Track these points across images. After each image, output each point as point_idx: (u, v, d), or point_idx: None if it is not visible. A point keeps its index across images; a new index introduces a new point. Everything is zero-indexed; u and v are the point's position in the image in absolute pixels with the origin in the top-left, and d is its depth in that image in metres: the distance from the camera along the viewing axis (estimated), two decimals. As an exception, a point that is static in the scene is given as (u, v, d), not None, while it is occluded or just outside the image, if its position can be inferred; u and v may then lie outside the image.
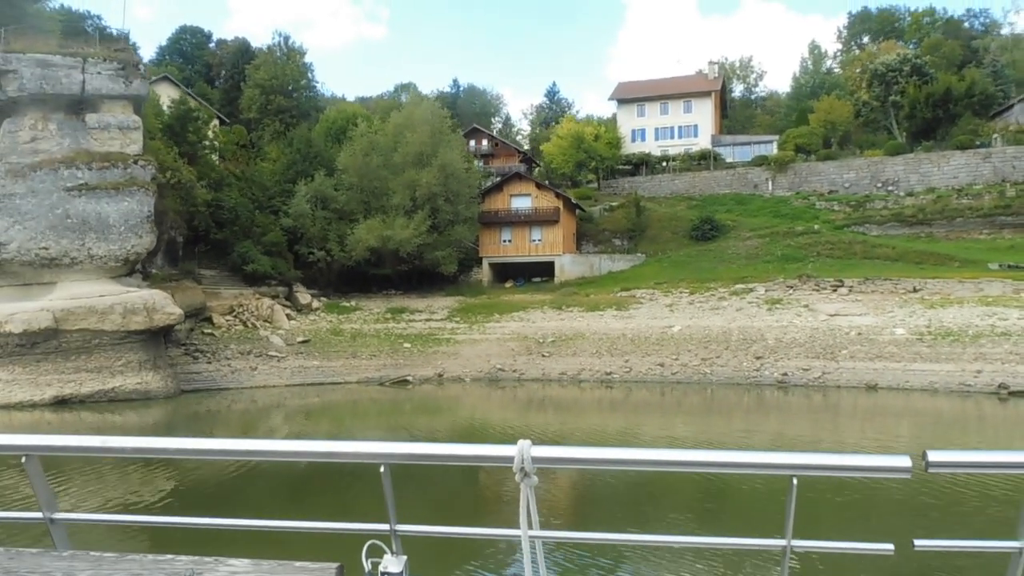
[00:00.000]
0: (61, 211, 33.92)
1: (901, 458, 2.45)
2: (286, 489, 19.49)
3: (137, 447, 2.98)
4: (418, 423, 34.91)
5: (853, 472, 2.40)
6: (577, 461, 3.15)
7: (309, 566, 2.52)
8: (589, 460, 3.19)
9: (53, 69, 34.54)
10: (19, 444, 3.00)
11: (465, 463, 3.10)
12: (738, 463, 2.71)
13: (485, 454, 2.95)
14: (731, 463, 2.70)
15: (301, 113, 72.59)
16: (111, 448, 2.93)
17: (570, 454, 2.95)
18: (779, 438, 28.74)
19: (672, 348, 41.61)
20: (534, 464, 2.64)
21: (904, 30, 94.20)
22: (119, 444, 2.92)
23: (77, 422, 30.20)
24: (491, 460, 2.89)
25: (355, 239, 48.91)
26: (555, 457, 2.80)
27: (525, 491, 2.70)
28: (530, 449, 2.64)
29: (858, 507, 16.25)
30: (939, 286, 44.06)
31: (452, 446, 2.78)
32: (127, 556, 2.63)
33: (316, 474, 19.32)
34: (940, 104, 60.81)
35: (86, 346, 31.73)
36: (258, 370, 38.98)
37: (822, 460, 2.59)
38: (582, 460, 3.22)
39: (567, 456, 2.87)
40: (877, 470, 2.59)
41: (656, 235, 59.26)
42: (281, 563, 2.54)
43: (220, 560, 2.57)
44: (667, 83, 76.40)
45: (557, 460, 2.85)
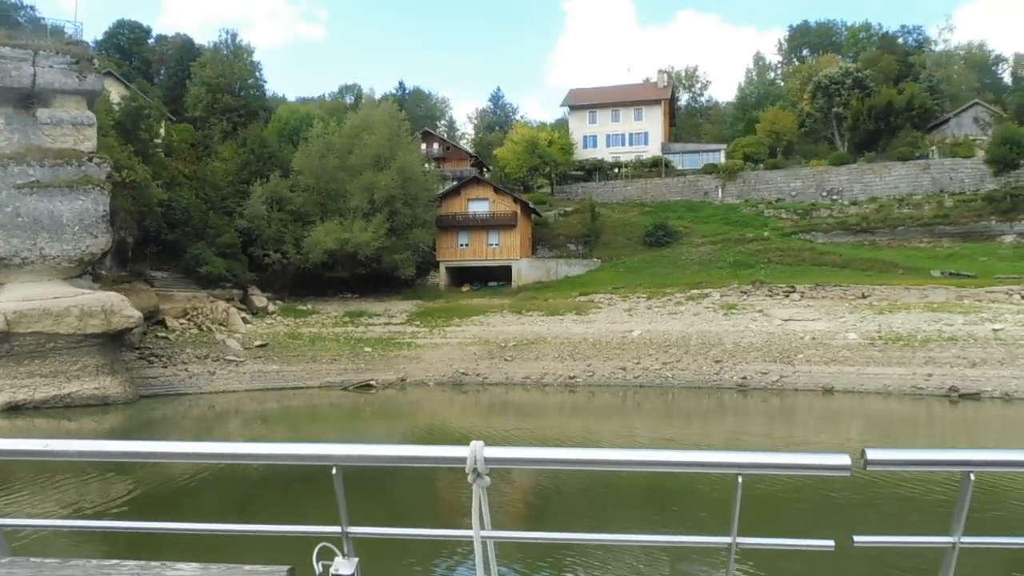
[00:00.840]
0: (11, 209, 32.51)
1: (841, 456, 2.54)
2: (238, 493, 19.38)
3: (81, 451, 2.86)
4: (376, 428, 34.63)
5: (795, 470, 2.54)
6: (529, 461, 3.14)
7: (259, 569, 2.52)
8: (541, 460, 3.23)
9: (2, 61, 33.11)
10: None
11: (418, 464, 2.97)
12: (685, 462, 2.74)
13: (438, 455, 2.96)
14: (678, 462, 2.74)
15: (249, 112, 71.12)
16: (53, 452, 2.83)
17: (522, 455, 2.99)
18: (733, 438, 29.48)
19: (633, 352, 42.10)
20: (487, 465, 2.66)
21: (841, 44, 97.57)
22: (62, 448, 2.82)
23: (30, 428, 28.97)
24: (443, 461, 2.90)
25: (312, 241, 48.14)
26: (507, 458, 2.83)
27: (478, 492, 2.72)
28: (482, 450, 2.66)
29: (803, 504, 16.78)
30: (886, 292, 45.61)
31: (405, 447, 2.90)
32: (70, 562, 2.59)
33: (268, 478, 19.13)
34: (882, 116, 63.15)
35: (40, 350, 30.43)
36: (216, 375, 38.01)
37: (765, 459, 2.67)
38: (534, 460, 3.27)
39: (519, 456, 2.91)
40: (817, 468, 2.65)
41: (611, 240, 59.91)
42: (230, 567, 2.53)
43: (167, 565, 2.54)
44: (618, 91, 77.39)
45: (509, 461, 2.87)
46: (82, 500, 18.57)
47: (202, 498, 18.83)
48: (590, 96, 77.24)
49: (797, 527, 15.47)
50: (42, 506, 17.80)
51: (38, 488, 19.21)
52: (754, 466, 2.67)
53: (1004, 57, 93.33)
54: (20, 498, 18.32)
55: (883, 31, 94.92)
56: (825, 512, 16.37)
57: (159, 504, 18.11)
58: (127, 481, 19.95)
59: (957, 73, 75.82)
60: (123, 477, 20.19)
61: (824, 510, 16.49)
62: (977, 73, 79.52)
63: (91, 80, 35.30)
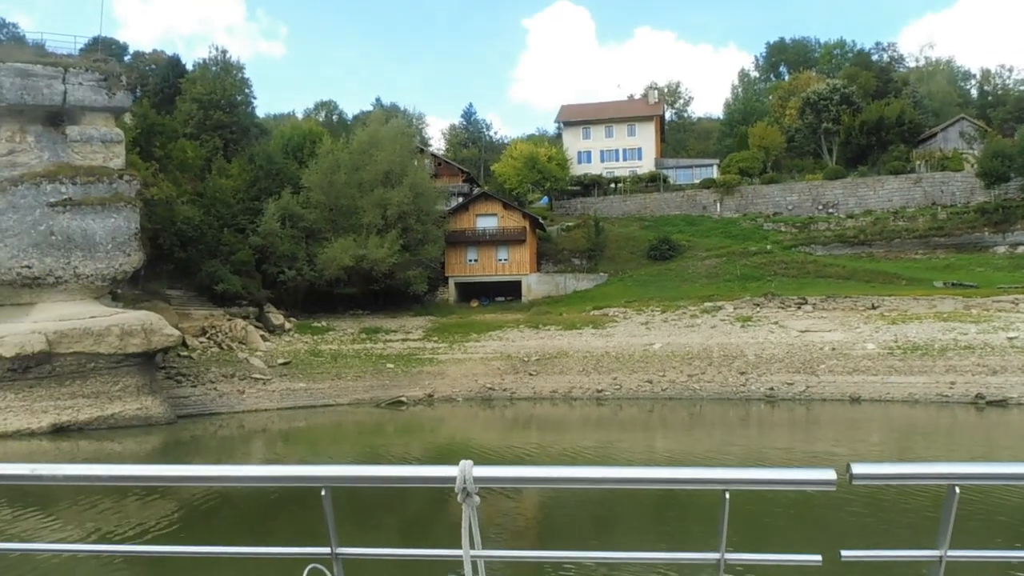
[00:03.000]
0: (45, 227, 31.88)
1: (826, 471, 2.58)
2: (228, 515, 19.35)
3: (68, 475, 2.89)
4: (395, 445, 34.48)
5: (780, 486, 2.71)
6: (518, 480, 3.11)
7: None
8: (530, 479, 3.19)
9: (34, 79, 32.55)
10: None
11: (407, 484, 3.08)
12: (673, 479, 2.78)
13: (426, 475, 2.96)
14: (666, 479, 2.78)
15: (241, 129, 70.44)
16: (40, 476, 2.84)
17: (512, 473, 2.97)
18: (754, 450, 30.03)
19: (657, 365, 42.48)
20: (476, 484, 2.67)
21: (817, 60, 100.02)
22: (48, 472, 2.84)
23: (74, 451, 28.31)
24: (433, 481, 2.88)
25: (328, 258, 47.80)
26: (497, 477, 2.83)
27: (467, 511, 2.73)
28: (472, 469, 2.66)
29: (791, 519, 17.11)
30: (895, 303, 46.74)
31: (394, 468, 2.86)
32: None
33: (258, 499, 19.07)
34: (873, 131, 64.77)
35: (81, 370, 29.77)
36: (246, 393, 37.52)
37: (752, 475, 2.71)
38: (523, 479, 3.21)
39: (509, 476, 2.92)
40: (803, 483, 2.72)
41: (615, 255, 60.45)
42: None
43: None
44: (611, 107, 78.33)
45: (498, 480, 2.86)
46: (71, 523, 18.37)
47: (190, 519, 18.77)
48: (583, 112, 78.06)
49: (785, 542, 15.81)
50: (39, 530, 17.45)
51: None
52: (740, 482, 2.70)
53: (972, 73, 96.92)
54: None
55: (857, 48, 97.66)
56: (813, 526, 16.64)
57: (146, 526, 18.02)
58: (113, 503, 19.68)
59: (939, 88, 78.12)
60: (110, 499, 19.81)
61: (813, 524, 16.75)
62: (957, 88, 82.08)
63: (120, 97, 34.84)
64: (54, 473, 2.84)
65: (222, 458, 31.36)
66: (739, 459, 27.91)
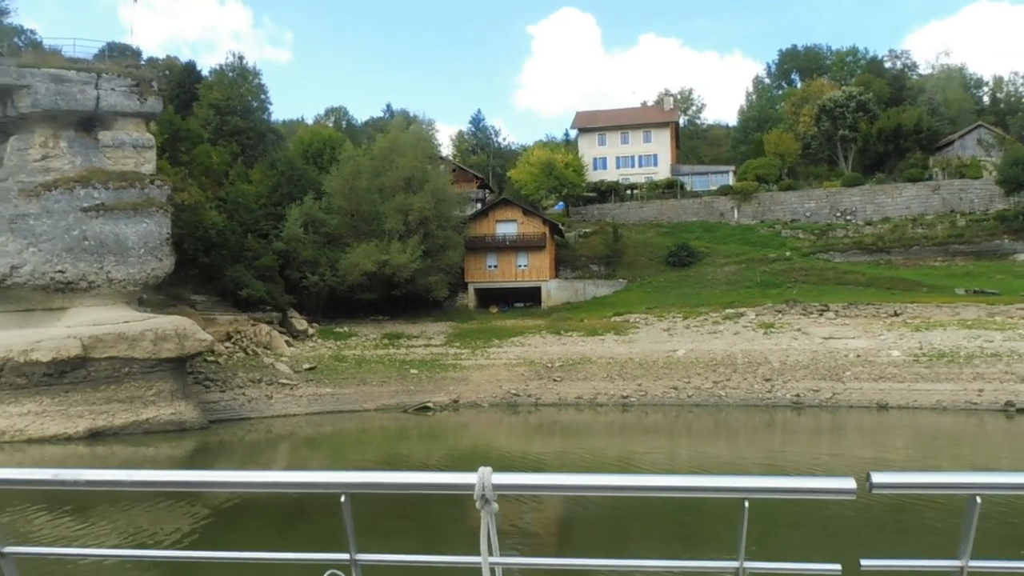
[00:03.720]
0: (78, 232, 32.02)
1: (846, 480, 2.55)
2: (254, 519, 19.43)
3: (89, 480, 2.91)
4: (417, 451, 34.53)
5: (800, 494, 2.64)
6: (537, 488, 3.18)
7: None
8: (548, 487, 3.22)
9: (67, 85, 32.72)
10: None
11: (426, 491, 3.04)
12: (691, 487, 2.78)
13: (446, 482, 2.95)
14: (685, 487, 2.78)
15: (257, 135, 70.74)
16: (63, 481, 2.89)
17: (530, 481, 2.96)
18: (776, 456, 30.03)
19: (682, 372, 42.45)
20: (495, 491, 2.67)
21: (829, 68, 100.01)
22: (71, 477, 2.86)
23: (109, 456, 28.38)
24: (452, 488, 2.88)
25: (350, 263, 47.90)
26: (516, 484, 2.84)
27: (486, 518, 2.74)
28: (490, 476, 2.66)
29: (811, 527, 17.01)
30: (918, 310, 46.66)
31: (413, 475, 2.90)
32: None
33: (277, 504, 19.12)
34: (891, 139, 64.76)
35: (115, 375, 29.84)
36: (274, 399, 37.60)
37: (771, 483, 2.69)
38: (542, 487, 3.26)
39: (528, 483, 2.92)
40: (823, 492, 2.68)
41: (633, 261, 60.47)
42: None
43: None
44: (626, 113, 78.45)
45: (517, 487, 2.88)
46: (91, 527, 18.32)
47: (209, 524, 18.85)
48: (598, 119, 78.17)
49: (805, 550, 15.62)
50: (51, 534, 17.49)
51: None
52: (760, 490, 2.68)
53: (984, 80, 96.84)
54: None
55: (870, 55, 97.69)
56: (833, 534, 16.53)
57: (166, 531, 18.15)
58: (133, 508, 19.74)
59: (955, 96, 78.12)
60: (131, 504, 19.84)
61: (832, 532, 16.65)
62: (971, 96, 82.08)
63: (151, 102, 35.01)
64: (76, 478, 2.86)
65: (248, 463, 31.45)
66: (762, 466, 27.93)
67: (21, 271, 31.28)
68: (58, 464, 27.05)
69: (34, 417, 28.01)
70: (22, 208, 31.47)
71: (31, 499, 19.13)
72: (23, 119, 32.68)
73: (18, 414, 28.04)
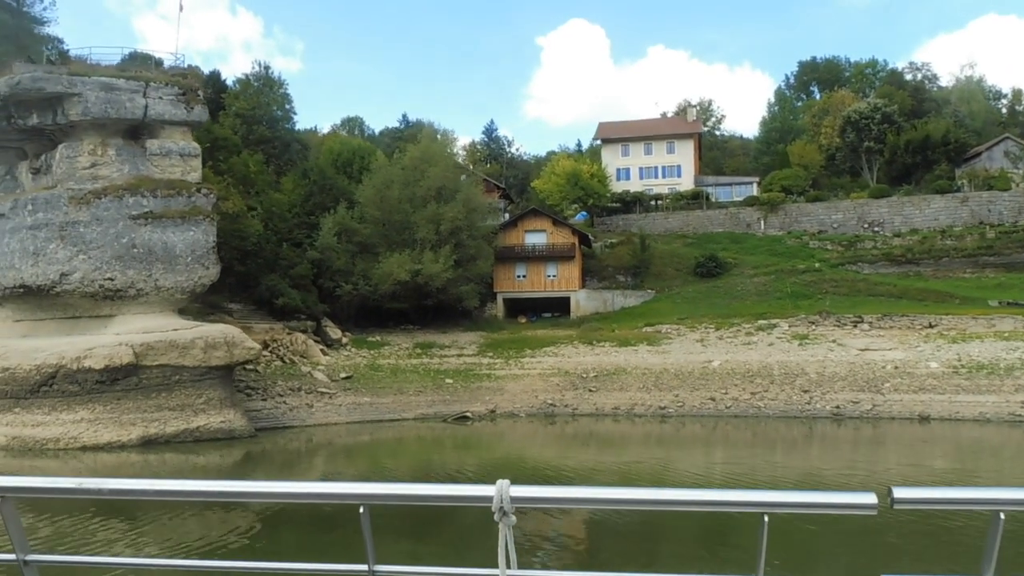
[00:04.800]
0: (127, 240, 32.18)
1: (867, 495, 2.55)
2: (279, 529, 19.42)
3: (113, 488, 2.94)
4: (450, 460, 34.48)
5: (820, 509, 2.69)
6: (556, 501, 3.16)
7: None
8: (567, 500, 3.22)
9: (117, 93, 32.98)
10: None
11: (444, 503, 3.03)
12: (711, 501, 2.75)
13: (464, 494, 2.97)
14: (704, 501, 2.76)
15: (283, 144, 71.10)
16: (87, 490, 2.92)
17: (548, 493, 2.97)
18: (812, 467, 29.86)
19: (718, 382, 42.35)
20: (513, 504, 2.67)
21: (848, 80, 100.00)
22: (95, 486, 2.91)
23: (161, 464, 28.42)
24: (470, 500, 2.89)
25: (384, 272, 47.97)
26: (534, 497, 2.84)
27: (504, 531, 2.74)
28: (509, 489, 2.67)
29: (832, 541, 16.91)
30: (953, 322, 46.48)
31: (431, 486, 2.96)
32: None
33: (312, 513, 19.09)
34: (919, 150, 64.69)
35: (166, 383, 29.91)
36: (314, 407, 37.64)
37: (791, 498, 2.67)
38: (560, 500, 3.25)
39: (546, 496, 2.92)
40: (844, 507, 2.68)
41: (660, 272, 60.40)
42: None
43: None
44: (649, 124, 78.57)
45: (536, 500, 2.88)
46: (113, 534, 18.43)
47: (231, 534, 18.79)
48: (621, 129, 78.34)
49: (827, 565, 15.71)
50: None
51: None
52: (780, 505, 2.66)
53: (1004, 92, 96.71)
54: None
55: (889, 67, 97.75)
56: (855, 549, 16.30)
57: (187, 540, 18.14)
58: (151, 516, 19.73)
59: (980, 108, 78.08)
60: (149, 512, 19.84)
61: (855, 547, 16.44)
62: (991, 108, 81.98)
63: (198, 111, 35.25)
64: (99, 487, 2.89)
65: (288, 471, 31.46)
66: (798, 475, 27.79)
67: (70, 278, 31.44)
68: (111, 473, 27.11)
69: (87, 424, 28.08)
70: (72, 215, 31.66)
71: (72, 507, 19.09)
72: (72, 127, 32.92)
73: (71, 421, 28.12)
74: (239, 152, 49.08)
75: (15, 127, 33.22)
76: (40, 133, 34.16)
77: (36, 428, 28.01)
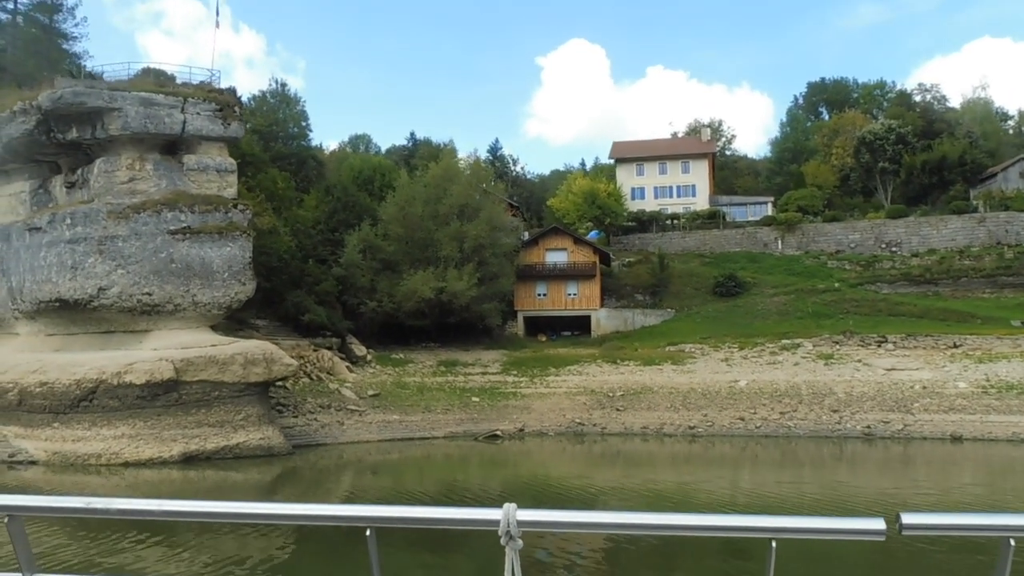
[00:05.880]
0: (165, 255, 32.13)
1: (876, 521, 2.54)
2: (277, 551, 19.18)
3: (121, 508, 2.97)
4: (474, 479, 34.34)
5: (828, 535, 2.64)
6: (562, 525, 3.10)
7: None
8: (574, 524, 3.16)
9: (156, 108, 33.08)
10: (1, 504, 2.97)
11: (450, 527, 3.01)
12: (718, 526, 2.74)
13: (470, 517, 2.94)
14: (711, 526, 2.74)
15: (299, 161, 71.22)
16: (95, 509, 2.91)
17: (556, 518, 2.94)
18: (839, 488, 29.70)
19: (746, 402, 42.23)
20: (519, 528, 2.67)
21: (857, 100, 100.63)
22: (103, 506, 2.90)
23: (201, 480, 28.22)
24: (476, 524, 2.87)
25: (408, 289, 47.93)
26: (541, 521, 2.83)
27: (510, 555, 2.73)
28: (515, 513, 2.67)
29: (839, 563, 16.67)
30: (978, 342, 46.50)
31: (438, 509, 2.88)
32: None
33: (307, 536, 19.02)
34: (935, 171, 65.00)
35: (205, 399, 29.75)
36: (345, 425, 37.46)
37: (799, 523, 2.65)
38: (567, 524, 3.19)
39: (552, 520, 2.90)
40: (852, 533, 2.66)
41: (679, 291, 60.41)
42: None
43: None
44: (664, 144, 78.95)
45: (542, 524, 2.87)
46: (120, 554, 18.10)
47: (239, 555, 18.56)
48: (635, 149, 78.69)
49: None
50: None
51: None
52: (787, 530, 2.64)
53: (1010, 114, 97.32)
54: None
55: (899, 88, 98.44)
56: (865, 573, 16.28)
57: (199, 559, 18.00)
58: (164, 534, 19.35)
59: (994, 128, 78.60)
60: (161, 532, 19.42)
61: (865, 571, 16.40)
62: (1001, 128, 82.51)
63: (234, 127, 35.33)
64: (107, 507, 2.90)
65: (317, 489, 31.26)
66: (828, 500, 27.63)
67: (108, 292, 31.36)
68: (152, 489, 26.89)
69: (128, 440, 27.89)
70: (111, 230, 31.63)
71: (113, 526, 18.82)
72: (110, 142, 32.98)
73: (113, 437, 27.92)
74: (266, 168, 49.06)
75: (54, 141, 33.27)
76: (76, 147, 34.21)
77: (77, 443, 27.81)
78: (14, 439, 28.70)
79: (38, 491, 24.25)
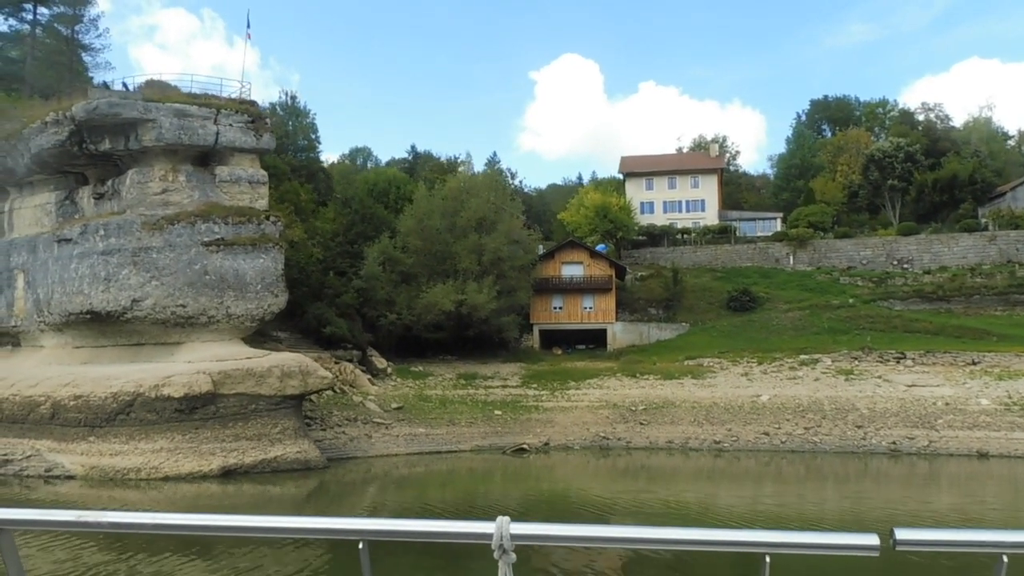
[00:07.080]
0: (199, 267, 31.96)
1: (869, 536, 2.54)
2: (271, 564, 18.95)
3: (112, 522, 2.94)
4: (495, 493, 34.25)
5: (822, 550, 2.67)
6: (555, 538, 3.08)
7: None
8: (568, 537, 3.15)
9: (189, 120, 32.99)
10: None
11: (443, 540, 3.02)
12: (712, 541, 2.71)
13: (463, 531, 2.92)
14: (705, 541, 2.72)
15: (308, 173, 71.12)
16: (86, 523, 2.90)
17: (550, 531, 2.91)
18: (862, 503, 29.75)
19: (770, 417, 42.24)
20: (513, 541, 2.67)
21: (859, 119, 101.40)
22: (94, 519, 2.89)
23: (239, 494, 27.95)
24: (470, 537, 2.87)
25: (428, 302, 47.86)
26: (534, 534, 2.84)
27: (503, 568, 2.73)
28: (508, 526, 2.67)
29: None
30: (996, 359, 46.71)
31: (431, 523, 2.89)
32: None
33: (303, 549, 18.82)
34: (946, 189, 65.47)
35: (242, 412, 29.49)
36: (373, 438, 37.25)
37: (793, 538, 2.65)
38: (560, 537, 3.15)
39: (546, 533, 2.90)
40: (846, 548, 2.66)
41: (693, 305, 60.52)
42: None
43: None
44: (673, 159, 79.31)
45: (535, 537, 2.87)
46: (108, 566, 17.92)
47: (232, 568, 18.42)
48: (644, 164, 79.03)
49: None
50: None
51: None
52: (781, 545, 2.66)
53: (1010, 133, 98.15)
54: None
55: (901, 107, 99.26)
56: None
57: (195, 571, 17.90)
58: (163, 547, 19.08)
59: (1001, 147, 79.29)
60: (167, 545, 19.15)
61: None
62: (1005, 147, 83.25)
63: (266, 139, 35.29)
64: (99, 520, 2.88)
65: (343, 502, 31.04)
66: (850, 516, 27.64)
67: (142, 304, 31.14)
68: (190, 504, 26.59)
69: (167, 454, 27.59)
70: (145, 241, 31.45)
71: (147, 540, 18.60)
72: (143, 153, 32.85)
73: (151, 451, 27.63)
74: (288, 180, 48.99)
75: (85, 152, 33.11)
76: (107, 158, 34.07)
77: (115, 458, 27.50)
78: (48, 453, 28.36)
79: (71, 505, 23.94)
